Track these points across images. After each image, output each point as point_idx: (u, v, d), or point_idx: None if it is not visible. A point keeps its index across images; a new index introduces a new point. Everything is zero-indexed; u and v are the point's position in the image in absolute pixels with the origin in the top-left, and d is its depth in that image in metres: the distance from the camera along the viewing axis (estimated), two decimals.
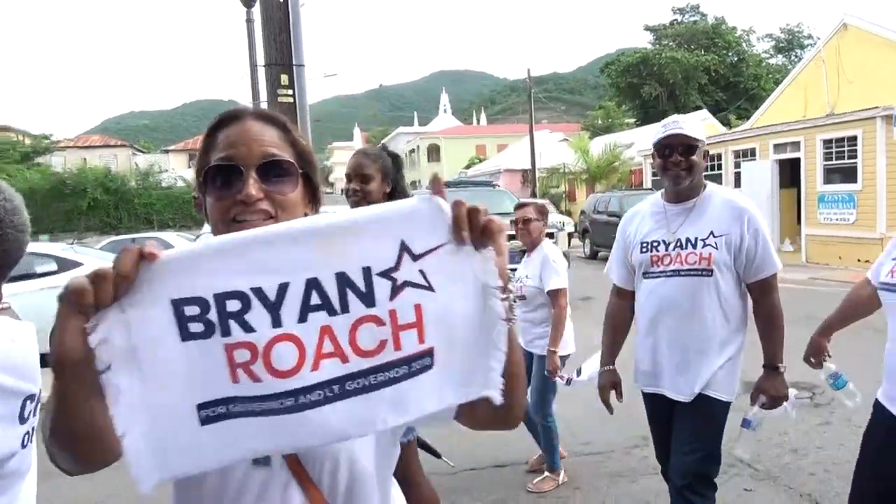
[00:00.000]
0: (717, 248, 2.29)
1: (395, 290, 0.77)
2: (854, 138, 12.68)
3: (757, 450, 3.77)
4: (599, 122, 42.85)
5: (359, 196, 2.47)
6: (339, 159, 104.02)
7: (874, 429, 2.15)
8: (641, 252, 2.45)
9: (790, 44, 51.92)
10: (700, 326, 2.33)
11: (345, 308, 0.76)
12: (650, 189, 18.44)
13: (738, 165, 15.79)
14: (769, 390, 2.34)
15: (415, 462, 2.57)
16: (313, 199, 1.05)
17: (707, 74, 43.71)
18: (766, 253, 2.31)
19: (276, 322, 0.74)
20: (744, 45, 48.36)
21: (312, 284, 0.75)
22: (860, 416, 4.51)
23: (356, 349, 0.77)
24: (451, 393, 0.81)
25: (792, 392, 2.41)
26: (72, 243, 10.54)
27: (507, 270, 0.81)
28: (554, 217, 13.19)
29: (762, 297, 2.36)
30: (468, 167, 43.56)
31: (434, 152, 51.84)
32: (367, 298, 0.76)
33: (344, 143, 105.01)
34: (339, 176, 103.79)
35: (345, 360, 0.77)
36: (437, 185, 0.78)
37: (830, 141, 13.24)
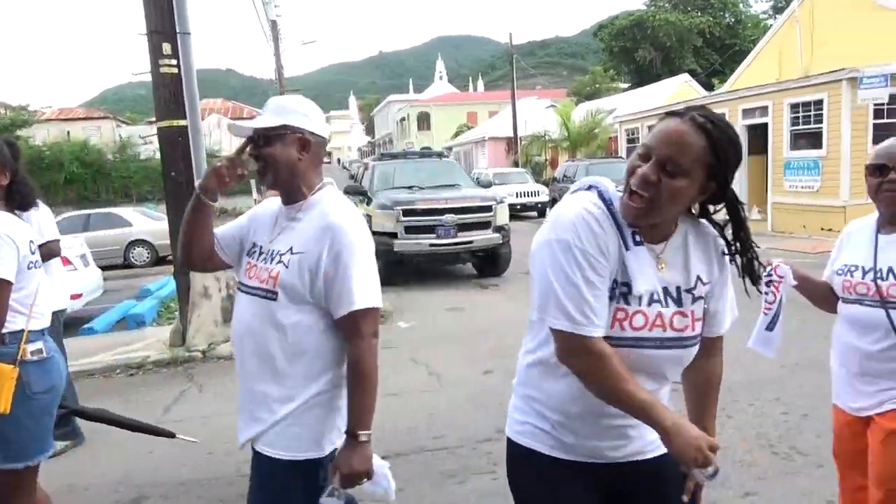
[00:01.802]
0: (287, 266, 1.76)
1: None
2: (820, 102, 12.22)
3: None
4: (588, 88, 41.94)
5: None
6: (336, 128, 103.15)
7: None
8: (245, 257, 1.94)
9: (790, 3, 50.57)
10: (262, 360, 1.80)
11: None
12: (621, 158, 18.02)
13: None
14: (342, 466, 1.72)
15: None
16: None
17: (702, 37, 42.66)
18: (347, 283, 1.71)
19: None
20: (741, 5, 47.05)
21: None
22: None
23: None
24: None
25: (381, 465, 1.81)
26: None
27: None
28: (499, 190, 12.77)
29: (347, 339, 1.77)
30: (456, 135, 43.01)
31: (424, 120, 51.10)
32: None
33: (340, 112, 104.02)
34: (336, 145, 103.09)
35: None
36: None
37: (798, 105, 12.78)
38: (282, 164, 1.78)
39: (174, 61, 5.97)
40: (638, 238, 1.36)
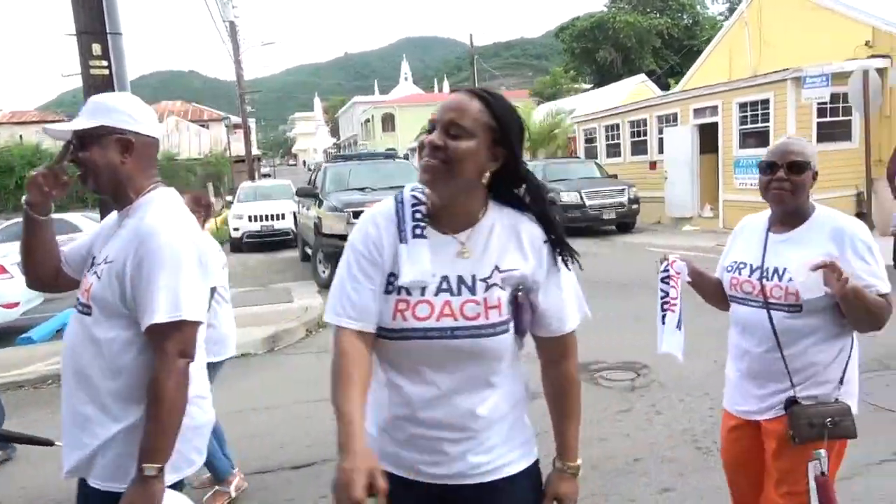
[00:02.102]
0: (99, 278, 1.64)
1: None
2: (767, 101, 12.49)
3: None
4: (550, 89, 42.25)
5: None
6: (301, 130, 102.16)
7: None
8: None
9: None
10: (79, 380, 1.66)
11: None
12: (578, 157, 18.20)
13: (661, 131, 15.56)
14: None
15: None
16: None
17: (661, 38, 43.35)
18: (149, 293, 1.56)
19: None
20: (698, 7, 47.96)
21: None
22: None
23: None
24: None
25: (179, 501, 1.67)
26: None
27: None
28: None
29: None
30: (419, 136, 42.93)
31: (389, 122, 50.92)
32: None
33: (305, 114, 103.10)
34: (301, 147, 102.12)
35: None
36: None
37: (746, 105, 13.05)
38: (101, 168, 1.65)
39: (105, 62, 5.81)
40: (419, 231, 1.37)
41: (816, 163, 1.96)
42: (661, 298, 2.14)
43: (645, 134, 16.35)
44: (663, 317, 2.13)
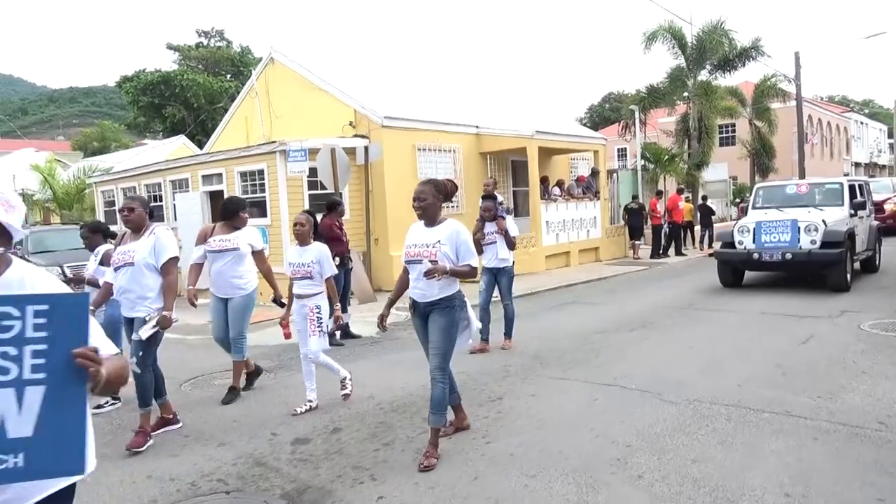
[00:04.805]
0: None
1: None
2: (262, 172, 12.47)
3: None
4: (96, 143, 38.25)
5: None
6: None
7: None
8: None
9: None
10: None
11: None
12: (84, 222, 15.88)
13: (174, 197, 14.47)
14: None
15: None
16: None
17: (232, 100, 43.39)
18: None
19: None
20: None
21: None
22: None
23: None
24: None
25: None
26: None
27: None
28: None
29: None
30: None
31: None
32: None
33: None
34: None
35: None
36: None
37: (246, 174, 12.86)
38: None
39: None
40: None
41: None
42: None
43: (160, 199, 15.05)
44: None
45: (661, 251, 17.85)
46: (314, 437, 4.81)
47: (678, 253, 18.13)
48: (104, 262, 5.68)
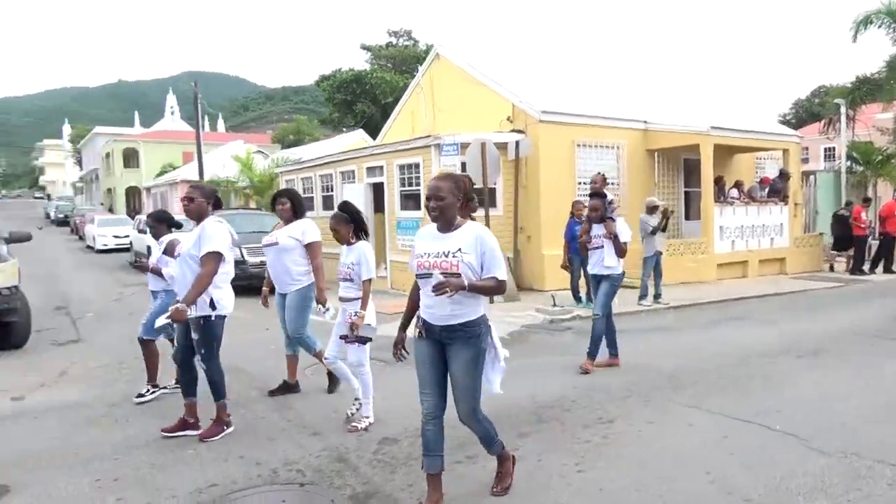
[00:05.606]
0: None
1: None
2: (418, 165, 12.69)
3: None
4: (291, 136, 41.76)
5: None
6: (51, 159, 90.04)
7: None
8: None
9: None
10: None
11: None
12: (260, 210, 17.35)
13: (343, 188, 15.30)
14: None
15: None
16: None
17: None
18: None
19: None
20: None
21: None
22: None
23: None
24: None
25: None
26: None
27: None
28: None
29: None
30: (160, 174, 39.77)
31: (133, 157, 46.40)
32: None
33: (52, 141, 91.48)
34: (51, 178, 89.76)
35: None
36: None
37: (404, 167, 13.18)
38: None
39: None
40: None
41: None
42: None
43: (332, 189, 16.00)
44: None
45: (863, 266, 15.42)
46: (402, 438, 4.67)
47: (887, 270, 15.51)
48: (168, 251, 5.70)
